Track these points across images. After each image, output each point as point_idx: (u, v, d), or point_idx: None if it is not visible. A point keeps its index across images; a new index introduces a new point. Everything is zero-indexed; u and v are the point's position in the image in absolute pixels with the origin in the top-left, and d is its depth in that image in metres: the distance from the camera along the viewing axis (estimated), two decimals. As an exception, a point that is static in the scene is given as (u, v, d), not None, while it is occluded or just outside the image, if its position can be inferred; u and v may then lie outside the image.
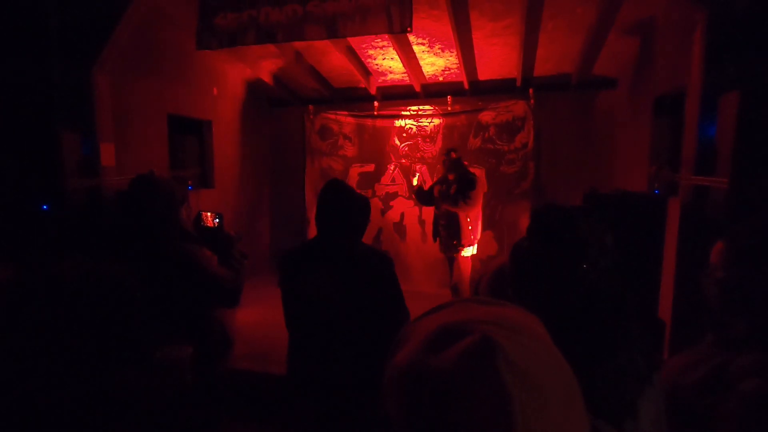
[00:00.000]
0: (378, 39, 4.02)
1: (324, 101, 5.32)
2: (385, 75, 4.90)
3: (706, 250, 1.01)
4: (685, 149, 2.52)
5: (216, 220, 1.97)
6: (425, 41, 4.04)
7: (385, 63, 4.59)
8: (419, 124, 5.00)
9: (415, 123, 5.01)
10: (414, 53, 4.28)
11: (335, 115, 5.21)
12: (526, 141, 4.54)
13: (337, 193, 1.67)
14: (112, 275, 0.97)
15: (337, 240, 1.65)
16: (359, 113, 5.16)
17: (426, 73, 4.75)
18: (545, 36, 3.74)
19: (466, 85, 4.73)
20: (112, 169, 3.27)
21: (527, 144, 4.53)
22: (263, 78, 4.87)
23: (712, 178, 2.26)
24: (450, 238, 3.90)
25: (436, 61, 4.47)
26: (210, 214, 1.97)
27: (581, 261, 0.85)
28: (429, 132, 4.98)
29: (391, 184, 5.16)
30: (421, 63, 4.51)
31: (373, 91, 5.07)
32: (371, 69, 4.79)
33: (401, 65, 4.45)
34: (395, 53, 4.19)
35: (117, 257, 1.09)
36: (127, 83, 3.49)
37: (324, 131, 5.25)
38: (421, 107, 4.98)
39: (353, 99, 5.26)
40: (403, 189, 5.11)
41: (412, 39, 3.99)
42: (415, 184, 4.26)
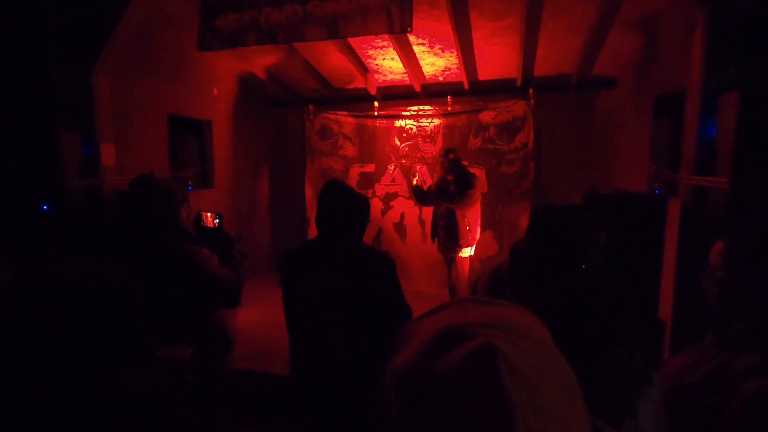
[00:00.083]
0: (378, 39, 4.01)
1: (324, 101, 5.31)
2: (386, 75, 4.90)
3: (706, 250, 1.01)
4: (685, 149, 2.52)
5: (216, 220, 1.97)
6: (425, 41, 4.04)
7: (386, 63, 4.59)
8: (419, 124, 5.00)
9: (416, 123, 5.01)
10: (414, 53, 4.27)
11: (335, 115, 5.20)
12: (526, 141, 4.54)
13: (337, 193, 1.67)
14: (112, 275, 0.97)
15: (338, 240, 1.65)
16: (359, 113, 5.15)
17: (426, 73, 4.75)
18: (545, 36, 3.74)
19: (466, 85, 4.73)
20: (112, 170, 3.27)
21: (527, 144, 4.53)
22: (263, 78, 4.87)
23: (712, 178, 2.26)
24: (448, 238, 3.90)
25: (436, 61, 4.47)
26: (210, 214, 1.98)
27: (581, 261, 0.85)
28: (429, 132, 4.97)
29: (391, 184, 5.16)
30: (421, 63, 4.51)
31: (373, 91, 5.07)
32: (371, 69, 4.79)
33: (401, 65, 4.45)
34: (395, 53, 4.19)
35: (117, 257, 1.10)
36: (127, 83, 3.49)
37: (324, 131, 5.24)
38: (421, 107, 4.98)
39: (353, 99, 5.26)
40: (403, 189, 5.10)
41: (412, 39, 3.99)
42: (415, 183, 4.26)
